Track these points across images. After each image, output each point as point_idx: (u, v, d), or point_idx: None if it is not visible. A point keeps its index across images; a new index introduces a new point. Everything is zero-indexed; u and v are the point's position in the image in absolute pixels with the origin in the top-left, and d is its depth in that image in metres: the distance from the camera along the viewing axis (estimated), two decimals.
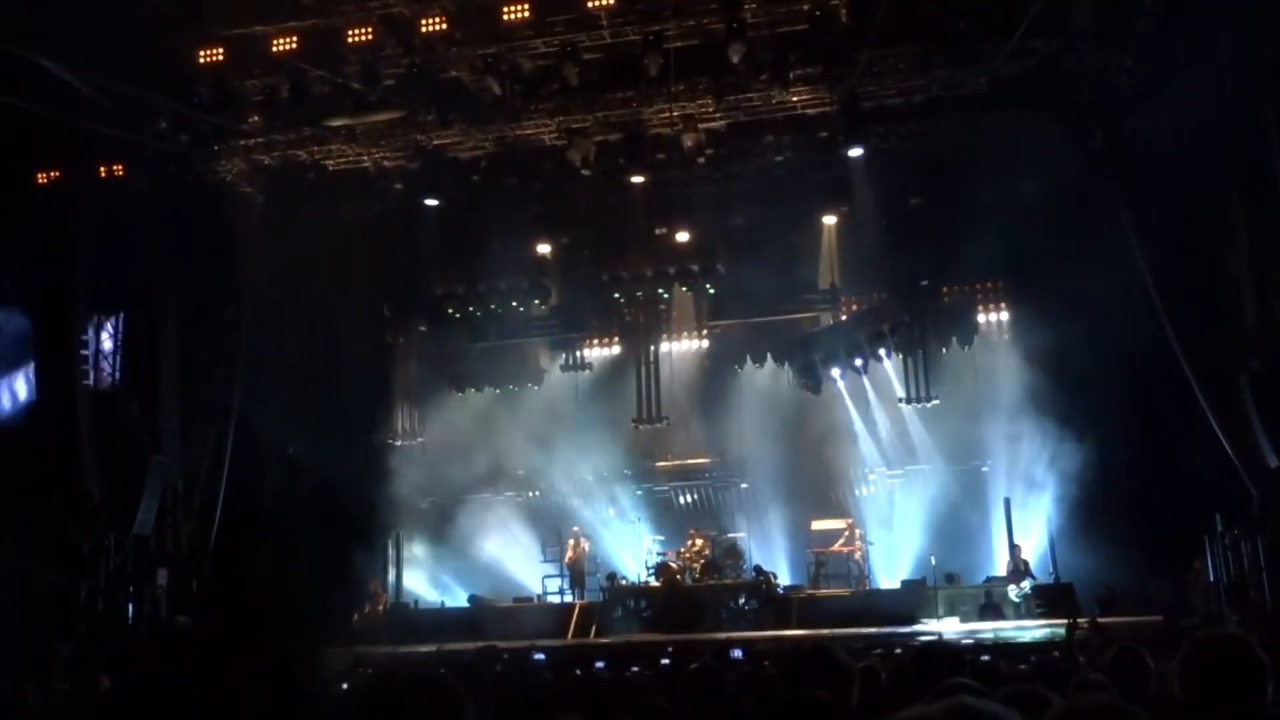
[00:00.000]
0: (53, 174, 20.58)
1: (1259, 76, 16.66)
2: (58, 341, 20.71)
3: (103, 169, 20.76)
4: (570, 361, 25.11)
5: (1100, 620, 12.14)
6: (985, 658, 7.92)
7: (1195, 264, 19.20)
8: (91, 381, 21.01)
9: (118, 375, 21.65)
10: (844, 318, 22.99)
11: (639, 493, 25.63)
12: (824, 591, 22.33)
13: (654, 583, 22.59)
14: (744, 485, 24.68)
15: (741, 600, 21.74)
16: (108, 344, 21.78)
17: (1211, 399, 18.27)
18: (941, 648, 5.48)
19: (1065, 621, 16.43)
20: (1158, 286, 19.21)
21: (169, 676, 3.50)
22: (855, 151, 21.24)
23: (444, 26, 18.28)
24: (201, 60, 19.03)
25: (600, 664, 11.47)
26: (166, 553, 20.95)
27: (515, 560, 24.09)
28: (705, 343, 26.00)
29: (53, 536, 19.23)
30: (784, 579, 22.68)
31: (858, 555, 22.92)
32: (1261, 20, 16.49)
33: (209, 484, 21.87)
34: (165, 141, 20.28)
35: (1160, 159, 19.33)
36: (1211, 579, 18.14)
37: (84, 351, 21.03)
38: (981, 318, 23.74)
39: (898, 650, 11.01)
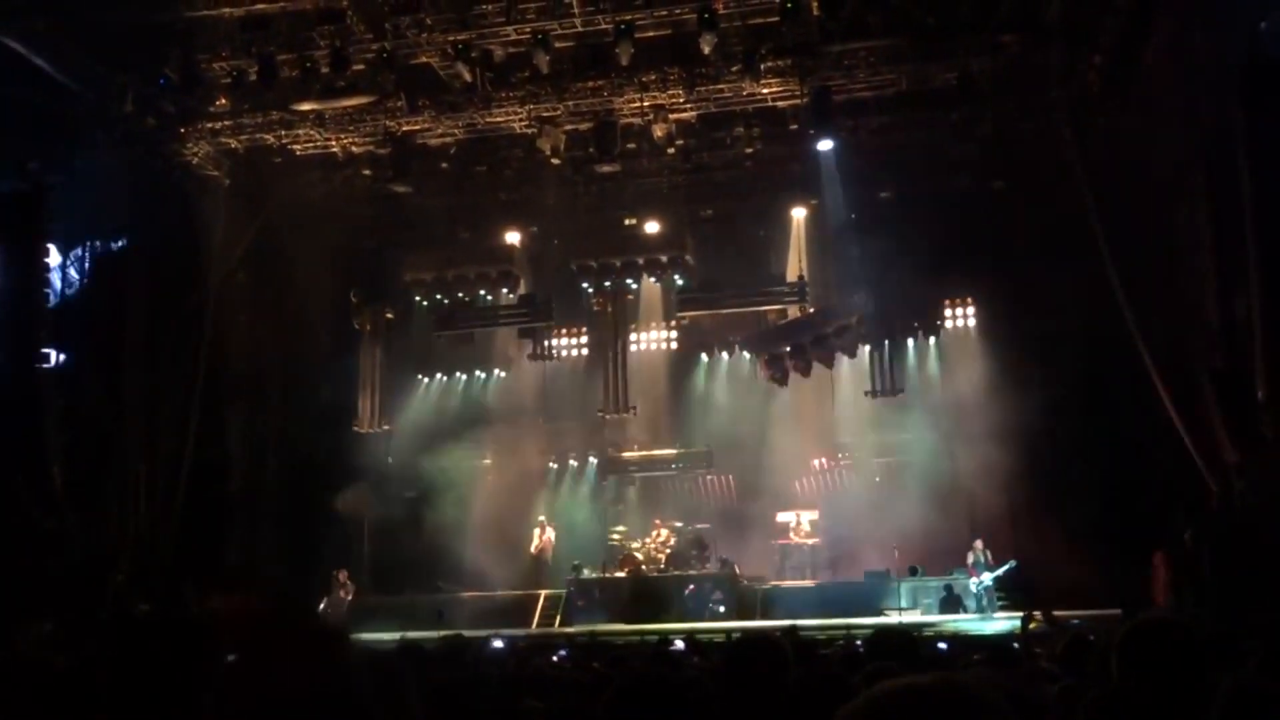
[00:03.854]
0: (18, 155, 20.34)
1: (1226, 76, 16.79)
2: (21, 323, 20.47)
3: (68, 151, 20.54)
4: (538, 350, 25.06)
5: (1055, 613, 12.22)
6: (942, 646, 7.99)
7: (1160, 261, 19.34)
8: (55, 364, 20.78)
9: (82, 358, 21.43)
10: (811, 310, 23.04)
11: (605, 483, 25.65)
12: (788, 583, 22.42)
13: (619, 573, 22.62)
14: (709, 476, 24.72)
15: (706, 591, 21.80)
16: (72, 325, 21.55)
17: (1173, 395, 18.42)
18: (896, 633, 5.51)
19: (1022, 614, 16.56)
20: (1122, 283, 19.35)
21: (126, 663, 3.47)
22: (825, 144, 21.31)
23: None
24: (169, 42, 18.90)
25: (562, 653, 11.44)
26: (128, 537, 20.79)
27: (480, 549, 24.01)
28: (674, 335, 26.00)
29: (14, 518, 19.04)
30: (749, 570, 22.73)
31: (810, 545, 23.05)
32: (1229, 20, 16.62)
33: (172, 469, 21.70)
34: (131, 123, 20.09)
35: (1128, 156, 19.48)
36: (1170, 572, 18.30)
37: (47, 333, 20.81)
38: (948, 311, 23.85)
39: (858, 642, 11.08)
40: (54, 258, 21.35)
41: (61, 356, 20.94)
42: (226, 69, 19.50)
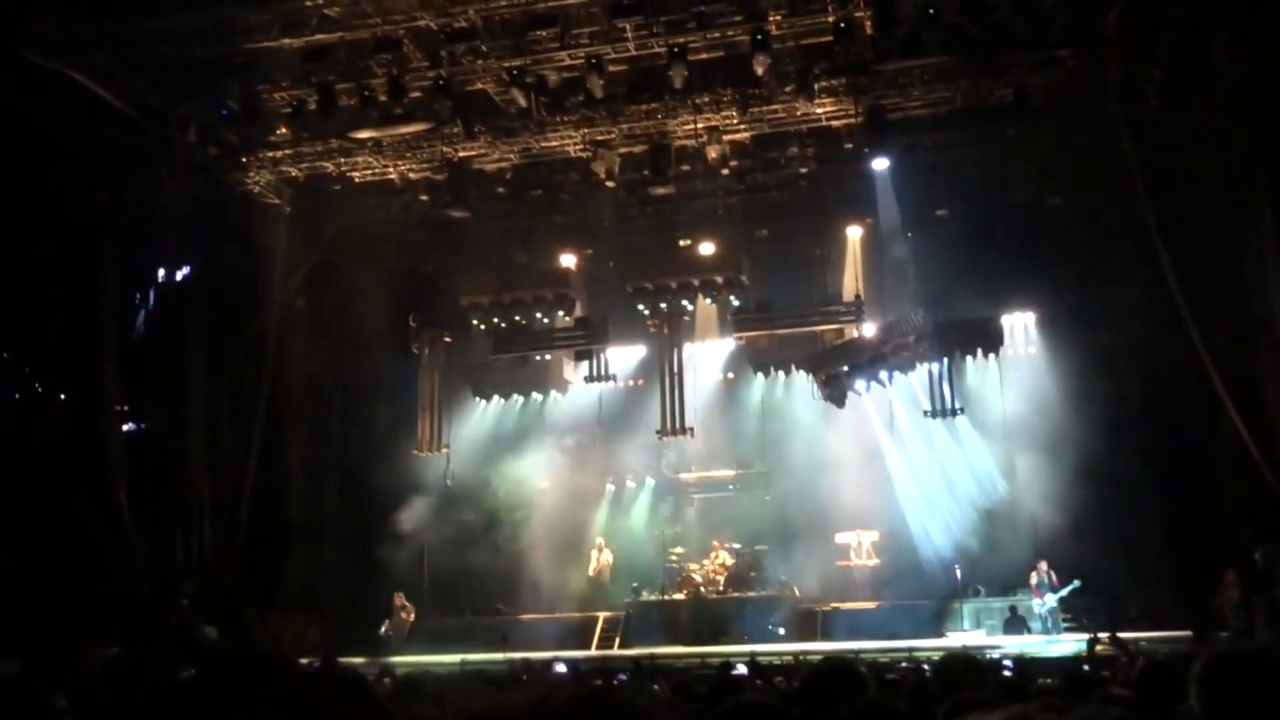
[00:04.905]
0: (82, 185, 20.75)
1: None
2: (85, 350, 20.86)
3: (132, 181, 20.93)
4: (594, 373, 25.12)
5: (1121, 635, 12.01)
6: (1008, 672, 7.89)
7: (1223, 272, 19.08)
8: (119, 390, 21.16)
9: (146, 384, 21.77)
10: (869, 329, 22.90)
11: (662, 505, 25.61)
12: (849, 604, 22.24)
13: (678, 595, 22.55)
14: (768, 498, 24.59)
15: (766, 613, 21.68)
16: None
17: (1240, 408, 18.13)
18: (963, 659, 5.43)
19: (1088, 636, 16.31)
20: (1185, 298, 19.09)
21: (196, 688, 3.50)
22: (880, 162, 21.22)
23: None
24: (230, 74, 19.22)
25: (623, 676, 11.43)
26: (192, 562, 21.06)
27: (540, 571, 24.07)
28: (731, 355, 25.97)
29: (81, 543, 19.37)
30: (808, 591, 22.57)
31: (871, 566, 22.88)
32: None
33: (234, 494, 21.97)
34: (194, 153, 20.42)
35: (1187, 168, 19.25)
36: (1242, 593, 17.97)
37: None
38: (1008, 329, 23.58)
39: (924, 665, 10.95)
40: (118, 286, 21.77)
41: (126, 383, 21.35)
42: (286, 99, 19.82)
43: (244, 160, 21.47)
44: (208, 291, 22.18)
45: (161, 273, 22.35)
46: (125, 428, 21.18)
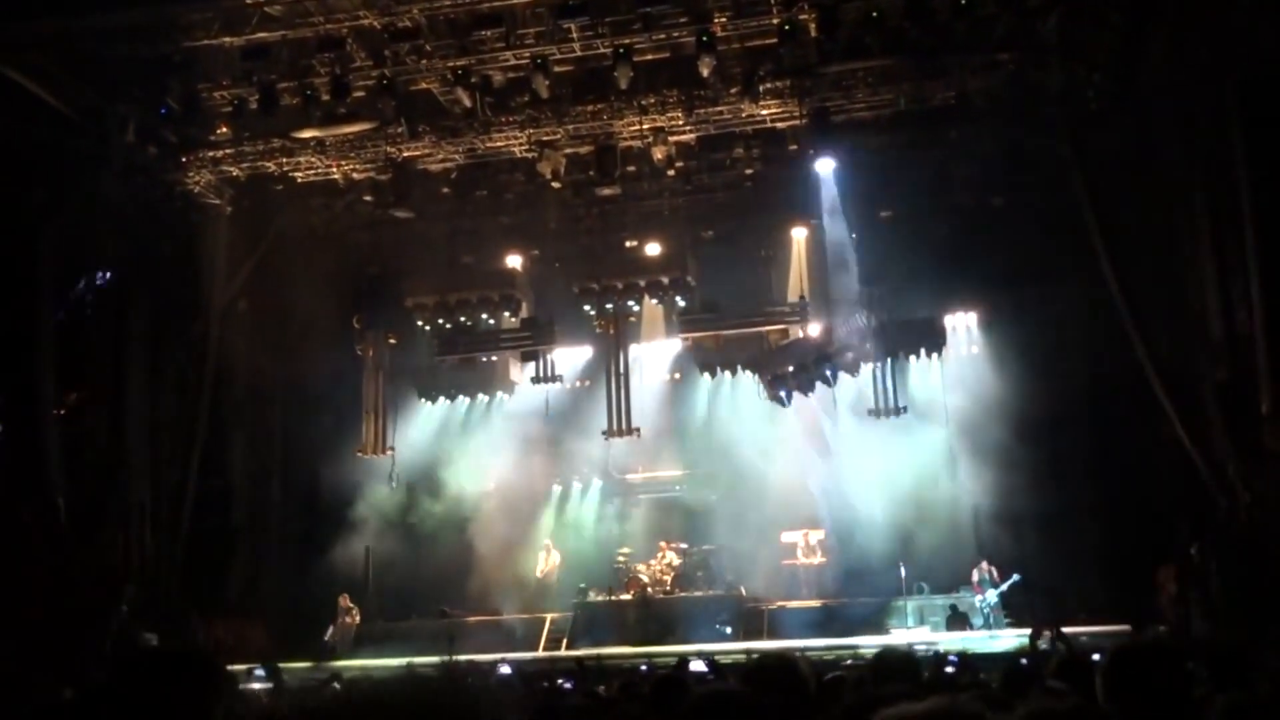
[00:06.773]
0: (18, 186, 20.38)
1: (1224, 90, 16.85)
2: (22, 354, 20.49)
3: (69, 181, 20.60)
4: (541, 374, 25.07)
5: (1063, 629, 12.19)
6: (951, 668, 7.98)
7: (1162, 275, 19.39)
8: (57, 394, 20.80)
9: (84, 388, 21.44)
10: (813, 330, 23.04)
11: (609, 505, 25.61)
12: (794, 603, 22.37)
13: (625, 596, 22.57)
14: (714, 497, 24.67)
15: (713, 612, 21.76)
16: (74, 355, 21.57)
17: (1178, 408, 18.42)
18: (899, 655, 5.49)
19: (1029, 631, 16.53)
20: (1125, 298, 19.38)
21: (133, 695, 3.47)
22: (825, 164, 21.35)
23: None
24: (170, 72, 18.99)
25: (569, 680, 11.42)
26: (133, 567, 20.75)
27: (486, 573, 23.99)
28: (676, 356, 26.03)
29: (19, 550, 19.02)
30: (755, 590, 22.68)
31: (816, 564, 23.03)
32: (1225, 35, 16.69)
33: (176, 497, 21.69)
34: (132, 153, 20.14)
35: (1128, 170, 19.54)
36: (1178, 586, 18.26)
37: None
38: (950, 329, 23.83)
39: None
40: (56, 288, 21.42)
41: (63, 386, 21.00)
42: (227, 97, 19.60)
43: (184, 160, 21.20)
44: (147, 293, 21.85)
45: (100, 274, 21.98)
46: (63, 433, 20.78)
